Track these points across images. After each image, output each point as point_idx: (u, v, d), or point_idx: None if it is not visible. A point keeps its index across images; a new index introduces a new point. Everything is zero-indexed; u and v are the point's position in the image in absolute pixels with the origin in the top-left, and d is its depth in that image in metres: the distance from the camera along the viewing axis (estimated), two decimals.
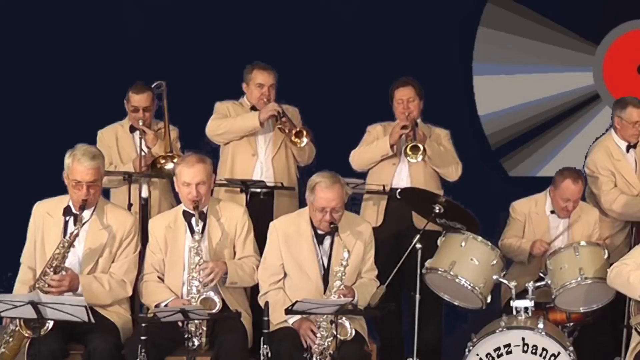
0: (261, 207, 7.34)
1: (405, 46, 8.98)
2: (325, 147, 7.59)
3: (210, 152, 7.08)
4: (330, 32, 9.14)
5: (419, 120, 7.46)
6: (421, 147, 7.22)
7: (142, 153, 7.45)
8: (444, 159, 7.44)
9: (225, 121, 7.43)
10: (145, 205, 7.43)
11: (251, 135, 7.44)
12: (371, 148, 7.46)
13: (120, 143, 7.61)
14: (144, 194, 7.48)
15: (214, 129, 7.43)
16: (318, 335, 6.11)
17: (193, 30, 9.25)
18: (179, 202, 6.54)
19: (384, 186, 7.39)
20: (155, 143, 7.50)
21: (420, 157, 7.23)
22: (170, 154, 7.38)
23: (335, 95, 8.69)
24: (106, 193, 7.31)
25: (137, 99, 7.52)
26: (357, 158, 7.52)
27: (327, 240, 6.34)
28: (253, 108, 7.43)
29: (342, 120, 7.84)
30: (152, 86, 7.63)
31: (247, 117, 7.38)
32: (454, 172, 7.51)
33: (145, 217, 7.18)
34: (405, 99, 7.42)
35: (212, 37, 9.21)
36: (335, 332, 5.95)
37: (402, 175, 7.44)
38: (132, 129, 7.62)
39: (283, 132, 7.41)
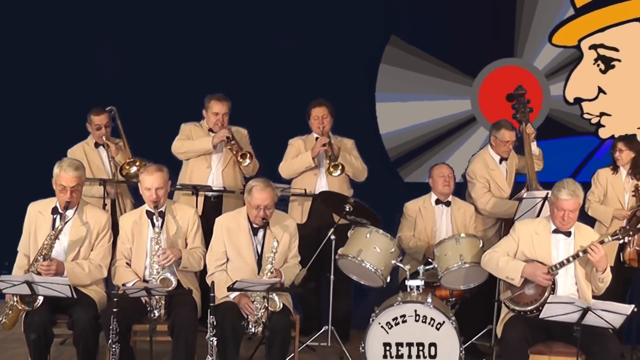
0: (212, 207, 7.50)
1: (324, 78, 8.99)
2: (261, 157, 7.73)
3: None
4: (265, 63, 9.23)
5: (330, 134, 7.61)
6: (340, 166, 7.44)
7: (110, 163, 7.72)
8: (355, 167, 7.67)
9: (187, 142, 7.60)
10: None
11: (207, 154, 7.61)
12: (297, 162, 7.62)
13: (89, 157, 7.79)
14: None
15: (178, 148, 7.63)
16: (253, 307, 6.24)
17: (146, 61, 9.35)
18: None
19: (305, 190, 7.56)
20: (118, 153, 7.74)
21: (339, 172, 7.46)
22: (132, 160, 7.61)
23: (267, 114, 8.76)
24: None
25: (99, 119, 7.77)
26: (286, 170, 7.69)
27: (260, 232, 6.44)
28: (210, 131, 7.58)
29: (271, 135, 7.89)
30: (106, 110, 7.82)
31: (203, 141, 7.55)
32: (361, 175, 7.73)
33: None
34: (320, 115, 7.60)
35: (162, 69, 9.31)
36: (267, 305, 6.08)
37: (322, 182, 7.63)
38: (97, 145, 7.83)
39: (232, 152, 7.59)
